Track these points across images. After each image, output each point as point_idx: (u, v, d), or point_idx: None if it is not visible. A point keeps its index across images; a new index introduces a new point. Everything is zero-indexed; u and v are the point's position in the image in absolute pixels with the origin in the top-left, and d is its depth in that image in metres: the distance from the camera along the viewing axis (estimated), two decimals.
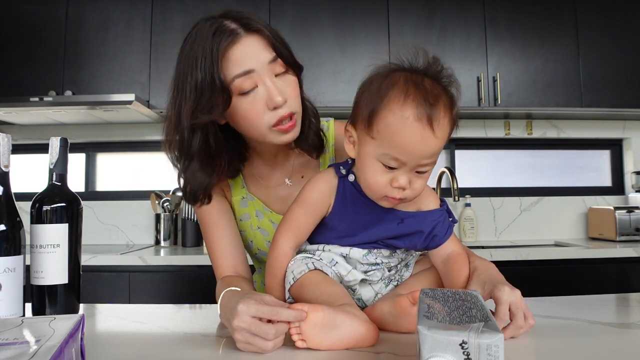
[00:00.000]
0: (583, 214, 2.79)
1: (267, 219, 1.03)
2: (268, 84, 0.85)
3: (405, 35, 2.45)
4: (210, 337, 0.78)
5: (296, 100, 0.89)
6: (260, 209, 1.04)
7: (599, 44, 2.48)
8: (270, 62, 0.86)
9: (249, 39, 0.85)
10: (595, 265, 2.15)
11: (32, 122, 2.60)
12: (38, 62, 2.40)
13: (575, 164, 2.91)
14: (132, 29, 2.43)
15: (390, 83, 0.75)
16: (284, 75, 0.88)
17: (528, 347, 0.69)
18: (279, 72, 0.88)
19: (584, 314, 0.86)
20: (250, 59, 0.85)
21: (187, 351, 0.70)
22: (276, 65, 0.87)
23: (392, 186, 0.76)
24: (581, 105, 2.46)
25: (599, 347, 0.70)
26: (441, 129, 0.73)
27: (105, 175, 2.85)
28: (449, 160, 2.86)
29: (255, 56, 0.85)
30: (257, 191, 1.04)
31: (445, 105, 0.74)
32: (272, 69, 0.86)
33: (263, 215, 1.04)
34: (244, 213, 1.04)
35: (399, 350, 0.68)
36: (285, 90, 0.87)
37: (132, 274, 2.09)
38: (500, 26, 2.47)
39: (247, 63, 0.84)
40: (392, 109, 0.73)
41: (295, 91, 0.89)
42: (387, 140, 0.74)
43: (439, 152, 0.76)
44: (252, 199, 1.04)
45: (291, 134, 0.89)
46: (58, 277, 0.85)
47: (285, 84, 0.88)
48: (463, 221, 2.67)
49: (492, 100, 2.45)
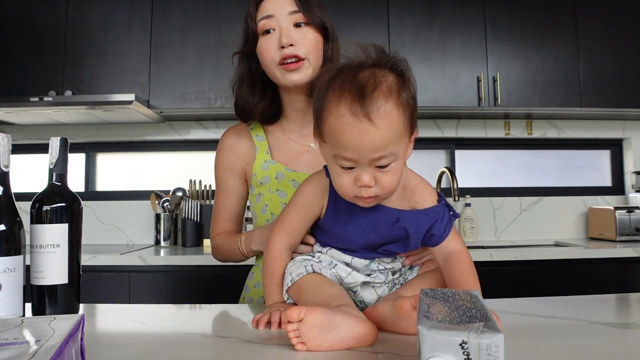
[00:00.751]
0: (583, 214, 2.79)
1: (288, 178, 1.11)
2: (282, 27, 1.03)
3: (405, 35, 2.45)
4: (210, 337, 0.78)
5: (308, 48, 1.03)
6: (282, 171, 1.11)
7: (599, 44, 2.48)
8: (290, 13, 1.04)
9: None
10: (596, 265, 2.16)
11: (33, 122, 2.60)
12: (38, 62, 2.40)
13: (575, 164, 2.91)
14: (132, 29, 2.43)
15: (329, 84, 0.75)
16: (303, 27, 1.04)
17: (528, 347, 0.69)
18: (298, 23, 1.04)
19: (584, 314, 0.86)
20: (274, 8, 1.04)
21: (187, 351, 0.70)
22: (296, 16, 1.04)
23: (357, 186, 0.75)
24: (581, 105, 2.46)
25: (599, 347, 0.70)
26: (382, 119, 0.70)
27: (105, 175, 2.85)
28: (449, 160, 2.86)
29: (278, 6, 1.04)
30: (280, 154, 1.14)
31: (387, 90, 0.71)
32: (291, 18, 1.04)
33: (284, 176, 1.11)
34: (264, 176, 1.12)
35: (399, 350, 0.68)
36: (296, 37, 1.03)
37: (132, 274, 2.09)
38: (500, 26, 2.47)
39: (270, 10, 1.05)
40: (331, 110, 0.73)
41: (308, 41, 1.04)
42: (334, 142, 0.73)
43: (393, 142, 0.72)
44: (273, 163, 1.13)
45: (296, 75, 1.03)
46: (58, 277, 0.85)
47: (301, 33, 1.04)
48: (463, 221, 2.67)
49: (492, 100, 2.45)
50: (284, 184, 1.10)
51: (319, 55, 1.06)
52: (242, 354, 0.67)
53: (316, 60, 1.05)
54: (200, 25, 2.43)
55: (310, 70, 1.04)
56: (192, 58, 2.42)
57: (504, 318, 0.86)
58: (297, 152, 1.14)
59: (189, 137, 2.74)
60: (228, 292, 1.08)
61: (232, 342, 0.71)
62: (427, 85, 2.44)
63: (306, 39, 1.04)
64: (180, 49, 2.42)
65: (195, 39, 2.42)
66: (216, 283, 2.06)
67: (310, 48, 1.04)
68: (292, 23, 1.04)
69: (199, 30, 2.43)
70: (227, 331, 0.77)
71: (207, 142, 2.73)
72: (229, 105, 2.41)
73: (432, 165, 2.83)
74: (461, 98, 2.45)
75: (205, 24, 2.43)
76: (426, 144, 2.83)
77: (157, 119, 2.58)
